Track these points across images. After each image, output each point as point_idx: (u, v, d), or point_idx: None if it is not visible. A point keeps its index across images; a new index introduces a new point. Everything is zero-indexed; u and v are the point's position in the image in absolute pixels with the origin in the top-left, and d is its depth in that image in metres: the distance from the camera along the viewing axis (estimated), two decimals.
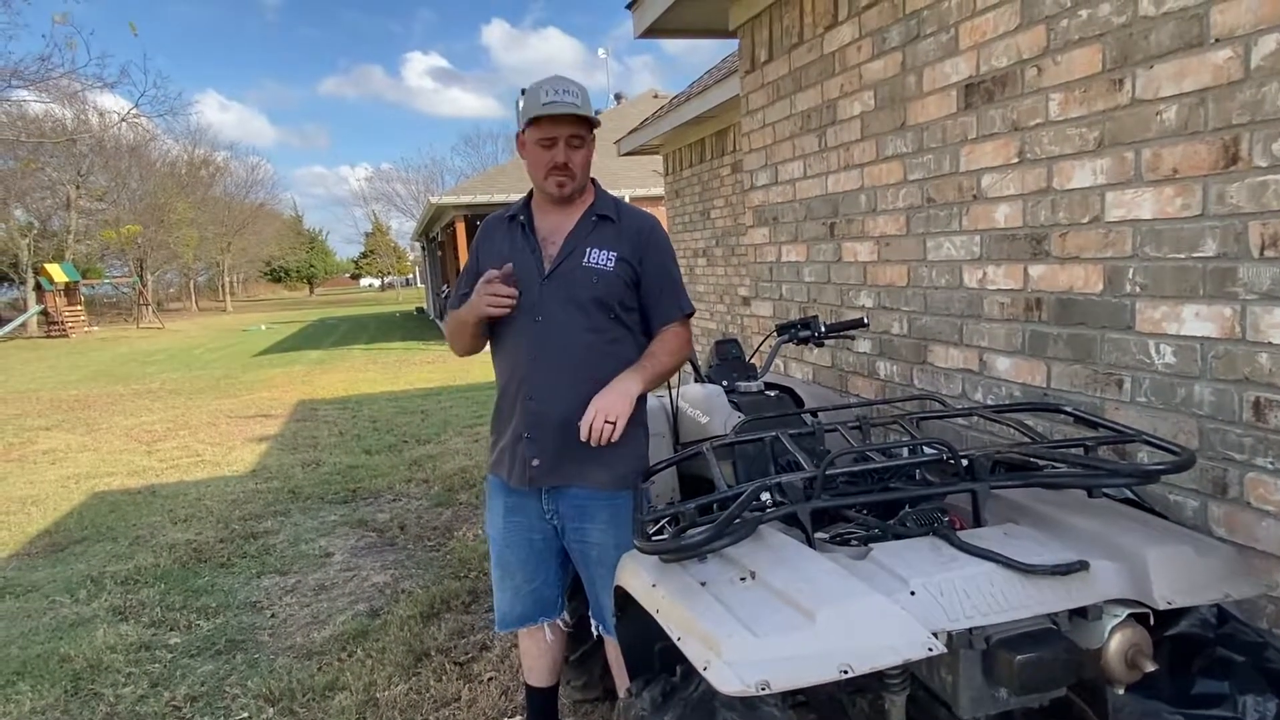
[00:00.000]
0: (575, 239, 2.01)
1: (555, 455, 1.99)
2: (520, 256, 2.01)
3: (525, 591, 2.12)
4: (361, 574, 4.09)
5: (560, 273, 1.99)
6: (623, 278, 2.00)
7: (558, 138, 1.94)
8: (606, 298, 1.98)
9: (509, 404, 2.04)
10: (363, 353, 16.67)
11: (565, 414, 1.95)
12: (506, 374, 2.05)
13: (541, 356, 1.97)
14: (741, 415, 2.23)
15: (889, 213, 2.64)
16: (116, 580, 4.13)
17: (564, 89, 1.93)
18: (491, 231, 2.14)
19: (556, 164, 1.95)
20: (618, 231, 2.03)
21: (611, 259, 1.99)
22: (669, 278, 2.07)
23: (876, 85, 2.63)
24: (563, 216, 2.05)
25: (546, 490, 2.03)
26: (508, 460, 2.06)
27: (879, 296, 2.74)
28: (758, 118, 3.47)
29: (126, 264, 38.41)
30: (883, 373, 2.77)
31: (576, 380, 1.96)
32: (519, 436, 2.01)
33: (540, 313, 1.98)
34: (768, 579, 1.36)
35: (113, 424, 9.41)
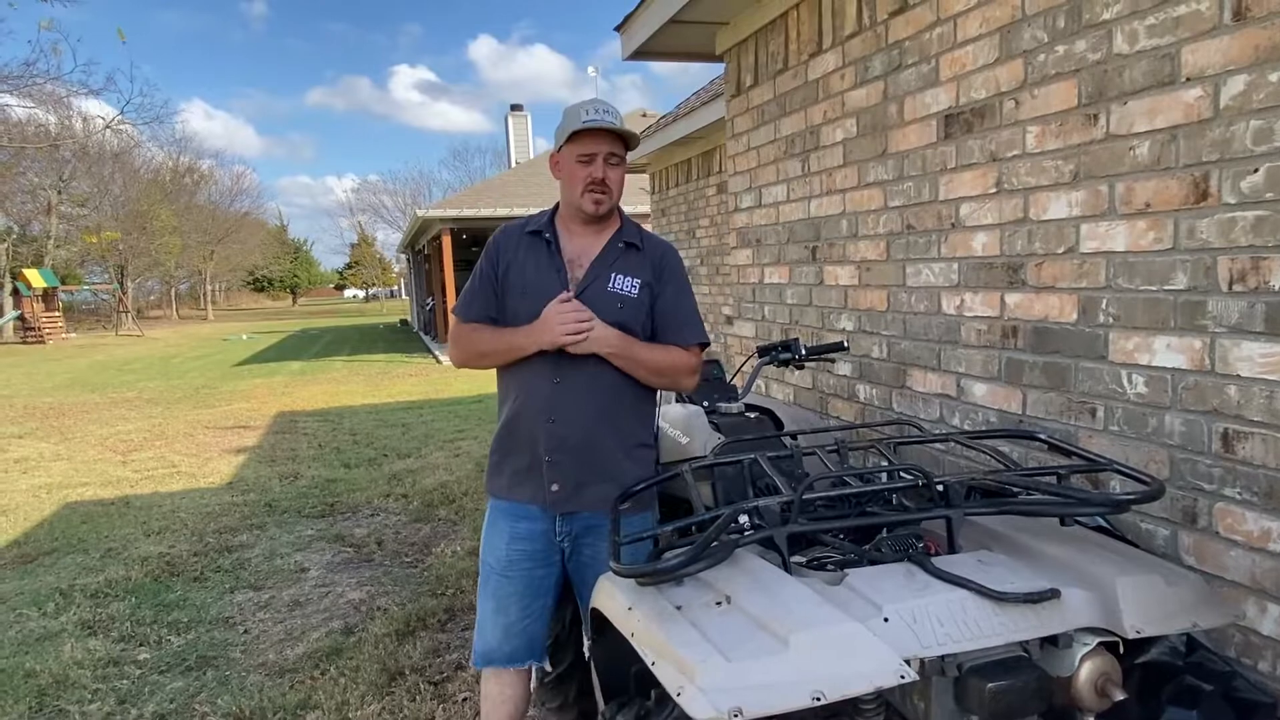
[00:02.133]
0: (602, 264, 2.01)
1: (576, 480, 1.98)
2: (545, 276, 1.99)
3: (519, 629, 2.06)
4: (337, 590, 4.05)
5: (586, 296, 1.96)
6: (645, 304, 2.01)
7: (597, 154, 1.94)
8: (630, 323, 1.98)
9: (525, 427, 2.00)
10: (344, 364, 16.56)
11: (587, 439, 1.96)
12: (523, 396, 2.00)
13: (565, 380, 1.95)
14: (721, 437, 2.24)
15: (870, 238, 2.67)
16: (86, 593, 4.06)
17: (604, 109, 1.95)
18: (511, 243, 2.08)
19: (595, 179, 1.95)
20: (642, 259, 2.04)
21: (635, 285, 2.00)
22: (685, 304, 2.07)
23: (859, 113, 2.67)
24: (590, 239, 2.04)
25: (562, 514, 2.01)
26: (522, 484, 2.02)
27: (859, 320, 2.77)
28: (742, 141, 3.51)
29: (107, 270, 37.99)
30: (862, 396, 2.79)
31: (599, 405, 1.96)
32: (538, 460, 1.98)
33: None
34: (743, 604, 1.36)
35: (87, 433, 9.28)
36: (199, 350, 22.20)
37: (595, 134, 1.93)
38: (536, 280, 2.00)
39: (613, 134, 1.95)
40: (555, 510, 2.00)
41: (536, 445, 1.98)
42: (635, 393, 2.03)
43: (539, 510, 2.02)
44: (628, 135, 1.98)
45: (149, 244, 37.05)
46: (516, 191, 16.79)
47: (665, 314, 2.04)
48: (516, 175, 18.68)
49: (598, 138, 1.94)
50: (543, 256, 2.02)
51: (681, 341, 2.04)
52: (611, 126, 1.93)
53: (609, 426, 1.99)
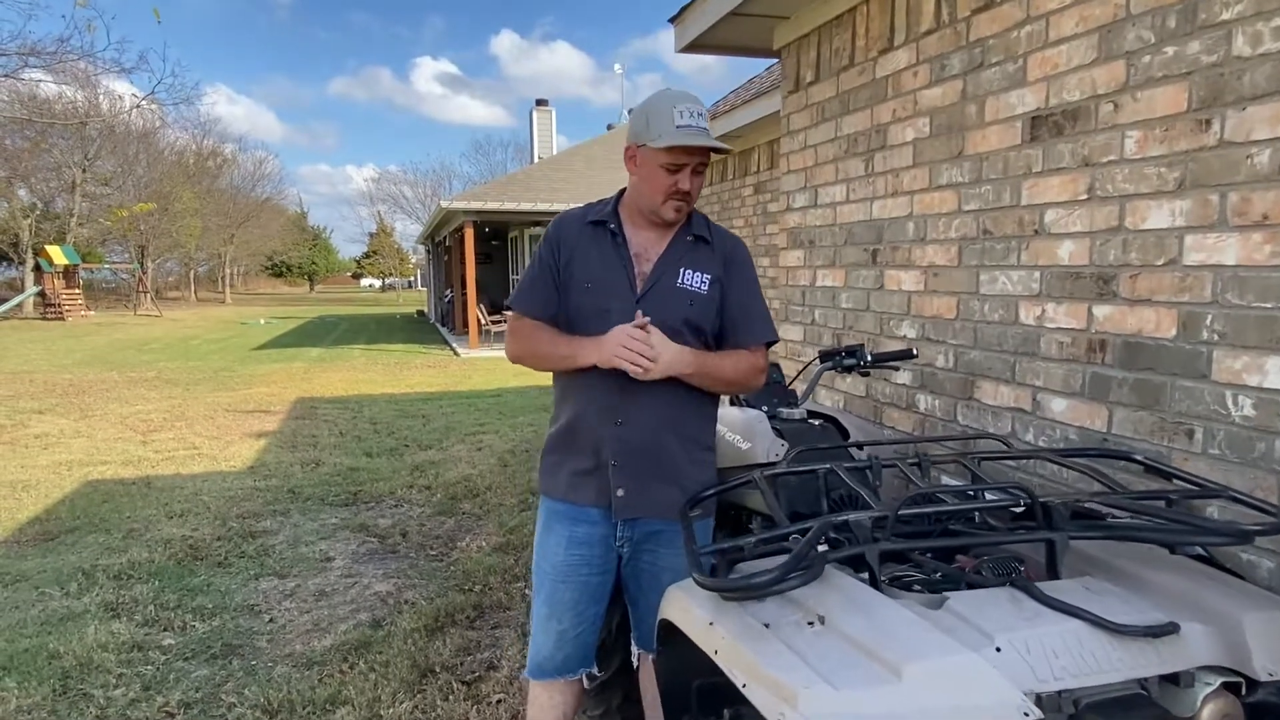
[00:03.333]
0: (670, 259, 1.91)
1: (641, 485, 1.89)
2: (611, 271, 1.90)
3: (571, 636, 1.98)
4: (363, 581, 3.98)
5: (655, 293, 1.88)
6: (715, 301, 1.92)
7: (687, 165, 1.83)
8: (699, 321, 1.90)
9: (588, 428, 1.91)
10: (363, 353, 16.55)
11: (655, 441, 1.88)
12: (586, 396, 1.90)
13: (634, 381, 1.83)
14: (784, 443, 2.15)
15: (939, 242, 2.57)
16: (109, 574, 4.01)
17: (698, 112, 1.82)
18: (573, 233, 1.97)
19: (680, 190, 1.84)
20: (711, 253, 1.94)
21: (705, 281, 1.91)
22: (755, 301, 1.99)
23: (932, 112, 2.57)
24: (656, 231, 1.94)
25: (624, 519, 1.93)
26: (583, 487, 1.93)
27: (923, 328, 2.67)
28: (799, 139, 3.41)
29: (128, 250, 38.26)
30: (923, 406, 2.69)
31: (667, 408, 1.88)
32: (604, 464, 1.90)
33: None
34: (840, 625, 1.27)
35: (107, 411, 9.28)
36: (218, 333, 22.28)
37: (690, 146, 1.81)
38: (603, 274, 1.90)
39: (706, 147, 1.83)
40: (620, 516, 1.91)
41: (601, 448, 1.89)
42: (701, 395, 1.95)
43: (600, 514, 1.93)
44: (721, 150, 1.86)
45: (170, 225, 37.26)
46: (540, 186, 16.74)
47: (735, 311, 1.95)
48: (541, 170, 18.63)
49: (692, 150, 1.82)
50: (607, 249, 1.92)
51: (751, 341, 1.96)
52: (710, 144, 1.81)
53: (675, 430, 1.91)
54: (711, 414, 2.02)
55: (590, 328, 1.88)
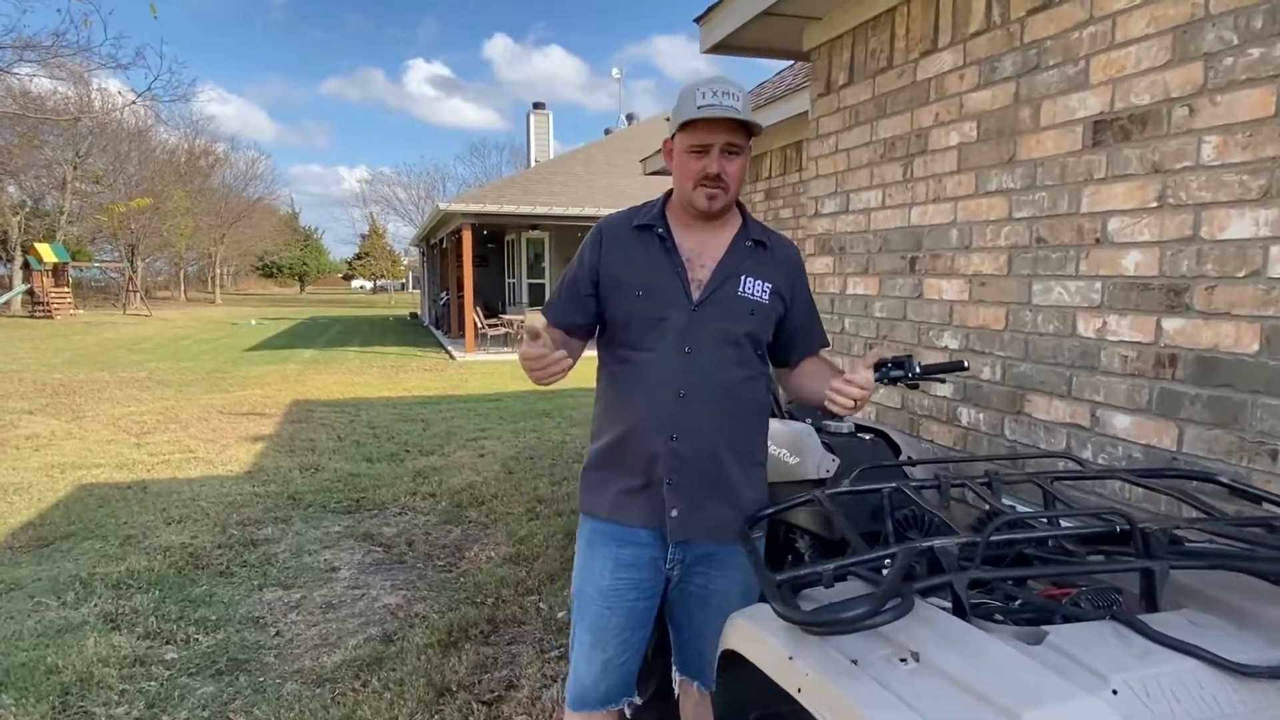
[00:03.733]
0: (731, 265, 1.79)
1: (697, 505, 1.78)
2: (662, 276, 1.78)
3: (616, 665, 1.86)
4: (370, 593, 3.86)
5: (714, 301, 1.76)
6: (776, 311, 1.82)
7: (712, 145, 1.70)
8: (759, 333, 1.80)
9: (641, 444, 1.77)
10: (357, 355, 16.37)
11: (711, 458, 1.77)
12: (638, 409, 1.78)
13: (691, 394, 1.74)
14: (835, 458, 2.06)
15: (986, 250, 2.48)
16: (107, 583, 3.87)
17: (724, 90, 1.68)
18: (617, 238, 1.86)
19: (708, 174, 1.71)
20: (771, 260, 1.84)
21: (766, 291, 1.80)
22: (814, 311, 1.95)
23: (980, 116, 2.49)
24: (710, 235, 1.82)
25: (676, 541, 1.82)
26: (632, 506, 1.82)
27: (967, 338, 2.58)
28: (829, 143, 3.33)
29: (117, 249, 37.88)
30: (965, 420, 2.60)
31: (726, 422, 1.78)
32: (658, 482, 1.77)
33: (689, 344, 1.75)
34: (937, 662, 1.17)
35: (99, 412, 9.10)
36: (208, 333, 22.04)
37: (711, 122, 1.69)
38: (654, 281, 1.79)
39: (732, 121, 1.69)
40: (674, 537, 1.80)
41: (654, 465, 1.78)
42: (758, 406, 1.85)
43: (649, 536, 1.81)
44: (750, 123, 1.74)
45: (161, 224, 36.93)
46: (539, 190, 16.64)
47: (799, 323, 1.87)
48: (540, 173, 18.53)
49: (714, 127, 1.70)
50: (656, 254, 1.81)
51: (813, 352, 1.90)
52: (730, 115, 1.68)
53: (731, 446, 1.80)
54: (765, 428, 1.93)
55: (645, 338, 1.78)
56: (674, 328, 1.75)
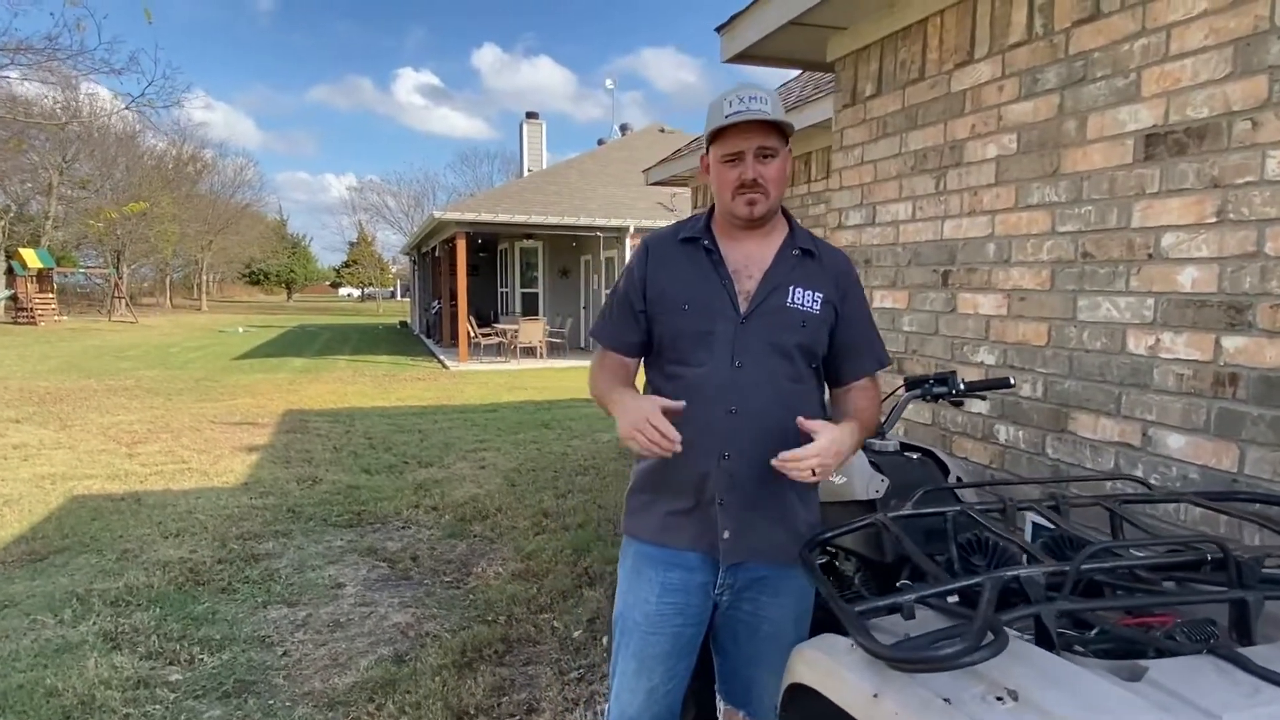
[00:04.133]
0: (778, 275, 1.72)
1: (749, 525, 1.71)
2: (709, 288, 1.73)
3: (662, 694, 1.78)
4: (379, 611, 3.75)
5: (762, 312, 1.70)
6: (827, 322, 1.75)
7: (745, 150, 1.64)
8: (812, 344, 1.72)
9: (691, 463, 1.68)
10: (348, 364, 16.21)
11: (765, 477, 1.67)
12: (689, 427, 1.65)
13: (742, 409, 1.68)
14: (884, 479, 2.00)
15: (1027, 265, 2.44)
16: (105, 600, 3.75)
17: (750, 95, 1.64)
18: (663, 253, 1.80)
19: (745, 181, 1.65)
20: (820, 269, 1.77)
21: (817, 301, 1.73)
22: (870, 325, 1.84)
23: (1020, 128, 2.45)
24: (757, 246, 1.76)
25: (729, 564, 1.74)
26: (680, 529, 1.75)
27: (1005, 354, 2.53)
28: (854, 154, 3.28)
29: (103, 255, 37.48)
30: (1003, 437, 2.55)
31: (778, 438, 1.67)
32: (708, 501, 1.70)
33: (739, 357, 1.68)
34: (1038, 702, 1.11)
35: (88, 421, 8.93)
36: (196, 340, 21.79)
37: (740, 129, 1.64)
38: (701, 294, 1.73)
39: (763, 124, 1.62)
40: (727, 560, 1.72)
41: (704, 485, 1.71)
42: (813, 414, 1.75)
43: (698, 559, 1.74)
44: (782, 124, 1.65)
45: (147, 230, 36.57)
46: (534, 199, 16.58)
47: (851, 336, 1.78)
48: (534, 182, 18.47)
49: (744, 132, 1.64)
50: (703, 267, 1.75)
51: (867, 370, 1.80)
52: (758, 117, 1.60)
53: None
54: None
55: (693, 352, 1.72)
56: (722, 341, 1.69)
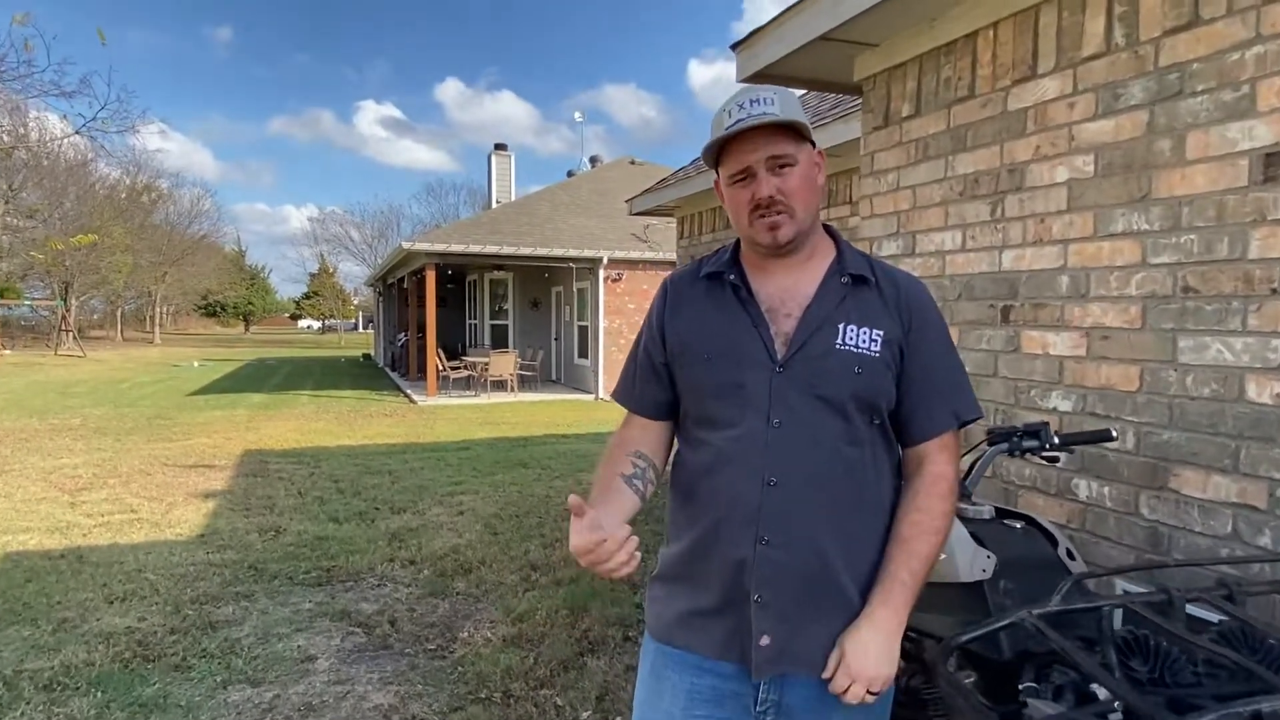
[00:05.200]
0: (822, 310, 1.38)
1: (794, 628, 1.34)
2: (738, 331, 1.40)
3: None
4: (357, 689, 3.32)
5: (804, 358, 1.36)
6: (891, 366, 1.38)
7: (753, 165, 1.35)
8: (871, 394, 1.36)
9: (720, 549, 1.37)
10: (310, 399, 15.57)
11: (816, 567, 1.34)
12: (716, 504, 1.39)
13: (783, 479, 1.33)
14: (990, 554, 1.68)
15: (1111, 300, 2.17)
16: (37, 684, 3.26)
17: (750, 99, 1.35)
18: (683, 295, 1.49)
19: (759, 200, 1.35)
20: (879, 300, 1.41)
21: (876, 340, 1.37)
22: (951, 367, 1.44)
23: (1099, 149, 2.20)
24: (793, 276, 1.42)
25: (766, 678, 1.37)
26: (703, 630, 1.40)
27: (1084, 400, 2.26)
28: (887, 179, 3.03)
29: (50, 286, 36.12)
30: (1084, 494, 2.26)
31: (831, 514, 1.34)
32: (740, 598, 1.35)
33: (777, 415, 1.35)
34: None
35: (27, 465, 8.28)
36: (148, 375, 20.90)
37: (743, 140, 1.34)
38: (727, 339, 1.40)
39: (770, 129, 1.33)
40: (762, 674, 1.35)
41: (738, 576, 1.35)
42: (878, 488, 1.40)
43: (732, 669, 1.38)
44: (794, 124, 1.34)
45: (98, 261, 35.36)
46: (506, 230, 16.25)
47: (923, 382, 1.40)
48: (505, 213, 18.17)
49: (749, 143, 1.34)
50: (730, 306, 1.42)
51: (941, 426, 1.40)
52: (761, 121, 1.31)
53: (842, 545, 1.35)
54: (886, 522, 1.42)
55: (720, 411, 1.39)
56: (755, 396, 1.35)
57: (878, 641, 1.28)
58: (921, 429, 1.41)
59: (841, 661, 1.28)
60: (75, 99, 27.37)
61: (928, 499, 1.37)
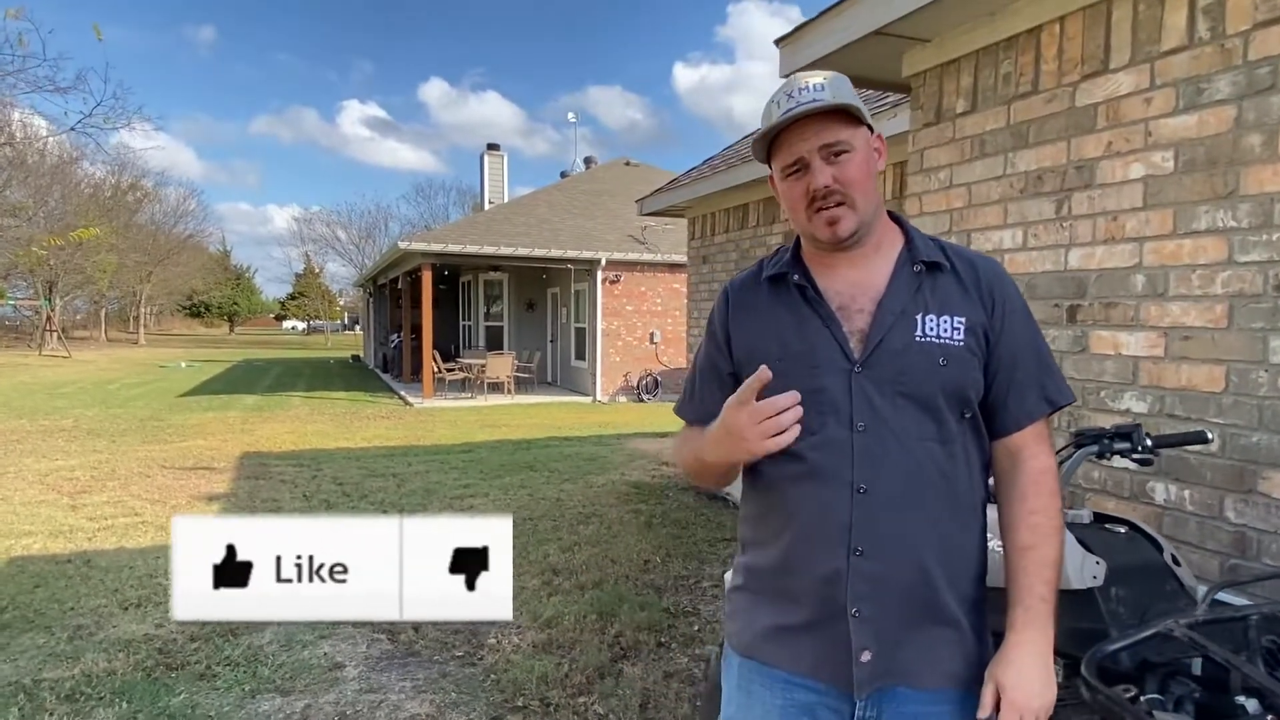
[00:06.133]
0: (897, 301, 1.31)
1: (896, 643, 1.27)
2: (809, 333, 1.32)
3: None
4: (390, 699, 3.23)
5: (882, 355, 1.28)
6: (977, 354, 1.30)
7: (805, 155, 1.28)
8: (960, 386, 1.28)
9: (809, 562, 1.30)
10: (303, 401, 15.39)
11: (915, 577, 1.26)
12: (797, 512, 1.32)
13: (873, 486, 1.26)
14: (1098, 561, 1.63)
15: (1192, 299, 2.13)
16: (59, 694, 3.15)
17: (799, 86, 1.27)
18: (744, 299, 1.42)
19: (815, 192, 1.28)
20: (958, 286, 1.33)
21: (959, 327, 1.29)
22: (1038, 351, 1.35)
23: (1179, 144, 2.16)
24: (861, 269, 1.35)
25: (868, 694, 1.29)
26: (794, 645, 1.32)
27: (1162, 401, 2.21)
28: (939, 177, 2.98)
29: (34, 285, 35.63)
30: (1161, 497, 2.22)
31: (928, 522, 1.26)
32: (835, 613, 1.28)
33: (860, 418, 1.27)
34: None
35: (22, 467, 8.10)
36: (136, 376, 20.63)
37: (793, 130, 1.27)
38: (798, 342, 1.32)
39: (822, 116, 1.26)
40: (864, 690, 1.27)
41: (831, 590, 1.27)
42: (971, 489, 1.31)
43: (826, 685, 1.30)
44: (847, 108, 1.27)
45: (83, 260, 34.89)
46: (502, 230, 16.14)
47: (1011, 367, 1.32)
48: (502, 214, 18.06)
49: (799, 133, 1.27)
50: (797, 308, 1.34)
51: (1034, 413, 1.32)
52: (812, 109, 1.24)
53: (939, 552, 1.28)
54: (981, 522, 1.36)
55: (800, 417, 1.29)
56: (835, 400, 1.28)
57: (1036, 668, 1.22)
58: (1014, 417, 1.32)
59: (1004, 698, 1.21)
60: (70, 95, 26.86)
61: (1038, 498, 1.30)
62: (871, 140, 1.33)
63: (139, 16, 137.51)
